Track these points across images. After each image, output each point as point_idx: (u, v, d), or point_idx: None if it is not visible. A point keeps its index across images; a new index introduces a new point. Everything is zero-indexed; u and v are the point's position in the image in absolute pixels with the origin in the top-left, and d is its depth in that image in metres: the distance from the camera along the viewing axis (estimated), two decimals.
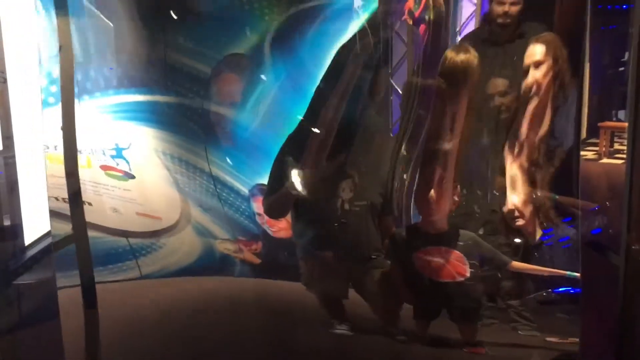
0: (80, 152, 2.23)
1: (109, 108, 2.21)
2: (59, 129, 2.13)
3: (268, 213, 2.41)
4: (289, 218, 2.42)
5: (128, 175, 2.26)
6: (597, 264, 2.25)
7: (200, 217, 2.32)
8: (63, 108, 2.12)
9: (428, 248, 2.36)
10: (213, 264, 2.41)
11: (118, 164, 2.24)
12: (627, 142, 1.96)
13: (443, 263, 2.35)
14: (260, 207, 2.40)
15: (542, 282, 2.36)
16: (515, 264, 2.39)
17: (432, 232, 2.36)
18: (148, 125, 2.23)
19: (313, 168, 2.30)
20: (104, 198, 2.31)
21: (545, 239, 2.37)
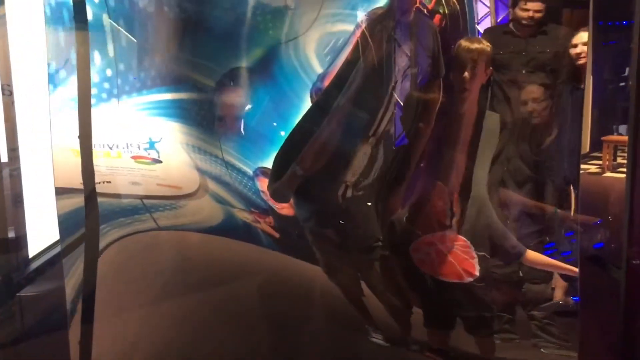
0: (112, 148, 2.48)
1: (144, 105, 2.48)
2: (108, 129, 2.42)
3: (273, 197, 2.50)
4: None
5: (156, 161, 2.53)
6: (598, 278, 2.24)
7: (217, 188, 2.56)
8: (80, 115, 2.33)
9: (428, 236, 2.20)
10: (237, 229, 2.57)
11: (149, 154, 2.52)
12: (627, 156, 1.96)
13: (446, 255, 2.16)
14: (264, 186, 2.51)
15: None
16: (531, 255, 2.20)
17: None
18: (176, 121, 2.50)
19: (313, 164, 2.38)
20: (127, 177, 2.52)
21: (548, 253, 2.31)
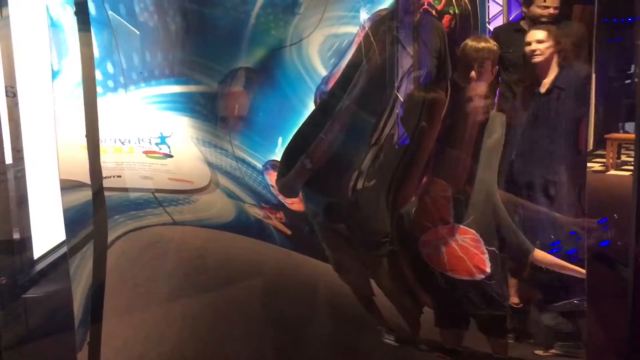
0: (124, 143, 2.49)
1: (154, 98, 2.49)
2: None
3: (281, 192, 2.50)
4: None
5: (167, 156, 2.54)
6: (605, 277, 2.22)
7: (228, 183, 2.57)
8: (86, 115, 2.32)
9: (437, 229, 2.17)
10: (250, 226, 2.57)
11: (160, 149, 2.53)
12: (634, 154, 1.95)
13: (455, 249, 2.14)
14: (273, 180, 2.51)
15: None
16: (538, 254, 2.19)
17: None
18: (186, 115, 2.51)
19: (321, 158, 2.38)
20: (138, 171, 2.54)
21: (554, 252, 2.30)
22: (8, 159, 2.56)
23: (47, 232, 2.74)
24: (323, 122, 2.38)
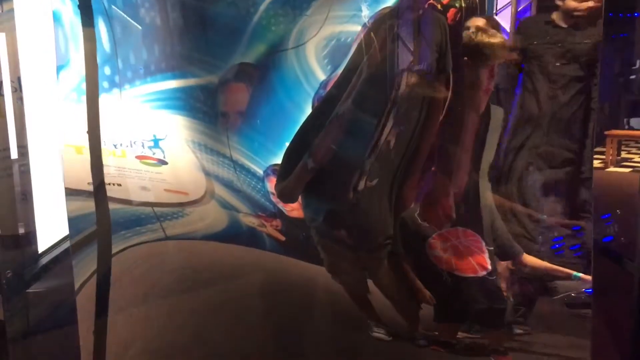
0: (116, 146, 2.42)
1: (148, 97, 2.42)
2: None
3: (280, 197, 2.45)
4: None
5: (161, 162, 2.47)
6: (608, 272, 2.24)
7: (224, 193, 2.52)
8: (88, 111, 2.34)
9: (442, 232, 2.23)
10: (241, 234, 2.54)
11: (154, 153, 2.47)
12: None
13: (461, 250, 2.21)
14: (274, 186, 2.45)
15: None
16: (527, 258, 2.29)
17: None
18: (181, 114, 2.44)
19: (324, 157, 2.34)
20: (135, 180, 2.49)
21: (556, 247, 2.34)
22: (13, 154, 2.56)
23: (50, 225, 2.75)
24: (324, 122, 2.34)
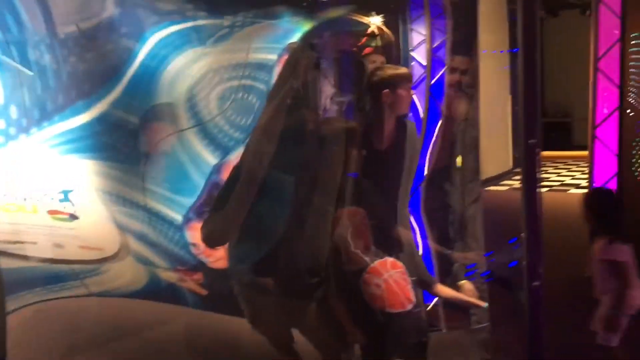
0: (26, 199, 2.30)
1: (57, 139, 2.29)
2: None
3: (207, 240, 2.24)
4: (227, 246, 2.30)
5: (73, 217, 2.38)
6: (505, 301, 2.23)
7: (139, 247, 2.41)
8: None
9: (375, 265, 2.11)
10: (162, 291, 2.45)
11: (64, 207, 2.36)
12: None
13: (391, 284, 2.08)
14: (195, 235, 2.32)
15: None
16: (439, 288, 2.37)
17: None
18: (91, 157, 2.33)
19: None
20: (49, 237, 2.39)
21: (469, 275, 2.41)
22: None
23: None
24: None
